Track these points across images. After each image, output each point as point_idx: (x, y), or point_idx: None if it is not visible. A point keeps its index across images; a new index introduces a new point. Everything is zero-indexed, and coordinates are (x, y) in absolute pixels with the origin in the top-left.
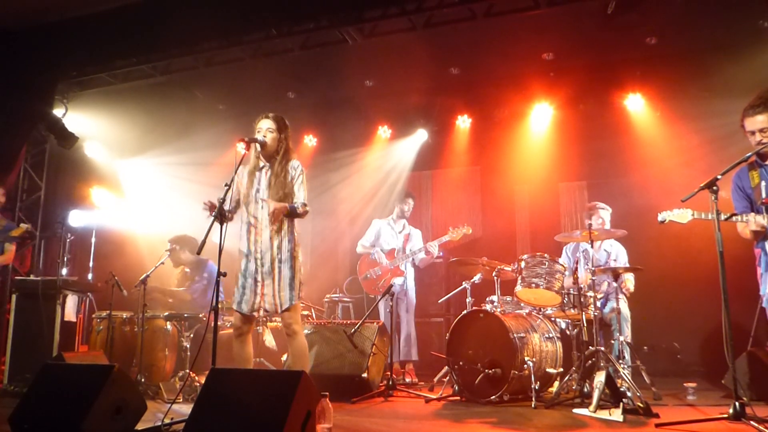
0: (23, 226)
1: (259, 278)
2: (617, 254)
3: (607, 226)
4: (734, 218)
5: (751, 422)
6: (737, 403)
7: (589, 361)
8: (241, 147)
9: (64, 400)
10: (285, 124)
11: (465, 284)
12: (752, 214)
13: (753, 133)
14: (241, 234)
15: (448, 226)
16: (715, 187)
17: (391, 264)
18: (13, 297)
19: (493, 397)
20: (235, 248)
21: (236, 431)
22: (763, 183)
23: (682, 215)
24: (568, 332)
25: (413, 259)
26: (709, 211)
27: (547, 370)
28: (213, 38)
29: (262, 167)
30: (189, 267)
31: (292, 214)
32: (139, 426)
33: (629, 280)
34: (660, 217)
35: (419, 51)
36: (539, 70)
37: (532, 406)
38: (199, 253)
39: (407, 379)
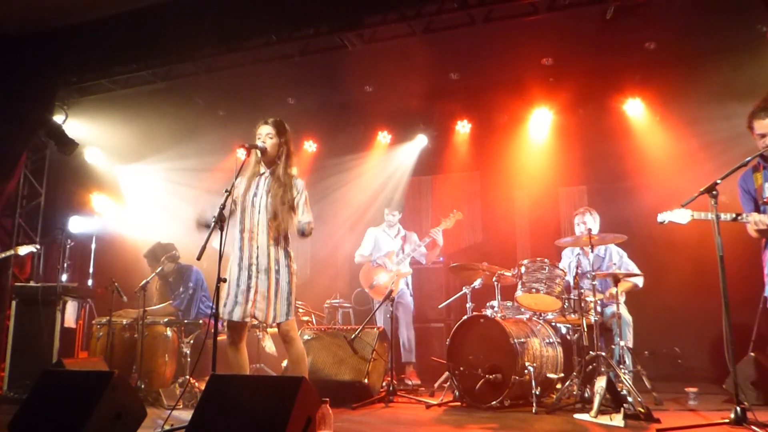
0: (28, 247)
1: (252, 284)
2: (611, 257)
3: (594, 232)
4: (739, 218)
5: (753, 427)
6: (739, 408)
7: (590, 366)
8: (241, 153)
9: (64, 406)
10: (285, 128)
11: (465, 289)
12: (754, 213)
13: (763, 135)
14: (233, 240)
15: (441, 221)
16: (714, 192)
17: (393, 266)
18: (13, 303)
19: (494, 402)
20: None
21: None
22: (766, 184)
23: (681, 215)
24: (568, 337)
25: (417, 258)
26: (708, 212)
27: (548, 375)
28: (213, 44)
29: (263, 173)
30: (171, 277)
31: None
32: None
33: (624, 284)
34: (660, 218)
35: (419, 56)
36: (539, 75)
37: (533, 411)
38: (199, 258)
39: (409, 382)
